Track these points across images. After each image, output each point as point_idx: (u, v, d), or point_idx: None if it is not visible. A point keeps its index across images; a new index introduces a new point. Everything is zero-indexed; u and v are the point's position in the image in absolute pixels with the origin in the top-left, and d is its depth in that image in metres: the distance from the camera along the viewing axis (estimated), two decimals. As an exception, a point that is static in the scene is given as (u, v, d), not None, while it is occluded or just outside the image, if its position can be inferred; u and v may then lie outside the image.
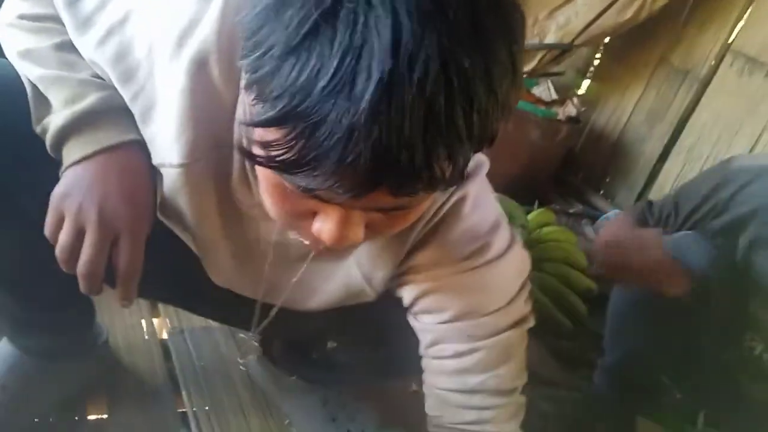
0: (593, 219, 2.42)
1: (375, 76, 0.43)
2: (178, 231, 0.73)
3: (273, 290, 0.83)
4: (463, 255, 0.75)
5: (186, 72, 0.63)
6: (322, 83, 0.44)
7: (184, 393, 1.14)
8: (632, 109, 2.63)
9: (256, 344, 1.22)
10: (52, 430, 0.99)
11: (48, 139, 0.67)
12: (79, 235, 0.65)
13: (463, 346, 0.78)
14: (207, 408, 1.12)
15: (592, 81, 2.87)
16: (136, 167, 0.68)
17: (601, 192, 2.68)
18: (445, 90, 0.44)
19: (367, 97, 0.43)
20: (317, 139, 0.45)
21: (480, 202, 0.75)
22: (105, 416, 1.06)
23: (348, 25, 0.44)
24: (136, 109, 0.67)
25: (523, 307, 0.81)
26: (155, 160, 0.69)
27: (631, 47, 2.61)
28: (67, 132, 0.66)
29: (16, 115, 0.67)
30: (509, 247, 0.78)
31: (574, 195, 2.69)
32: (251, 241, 0.77)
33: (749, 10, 2.24)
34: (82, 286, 0.67)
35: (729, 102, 2.26)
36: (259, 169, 0.57)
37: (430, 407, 0.84)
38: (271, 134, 0.48)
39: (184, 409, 1.12)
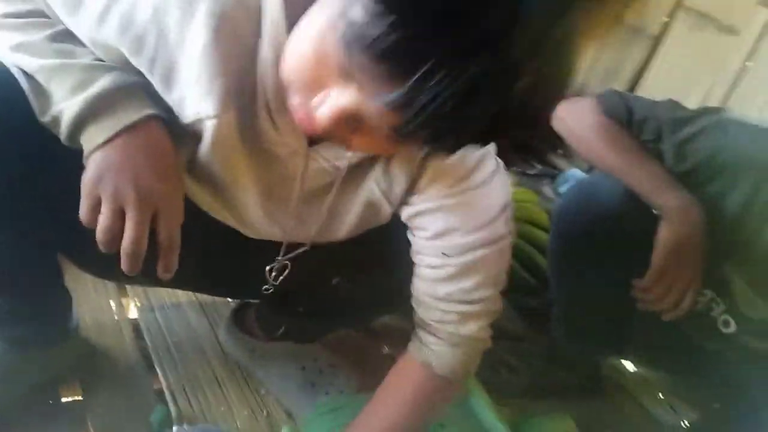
0: (552, 178, 2.47)
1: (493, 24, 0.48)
2: (205, 194, 0.76)
3: (302, 226, 0.86)
4: (455, 178, 0.81)
5: (205, 26, 0.64)
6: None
7: (158, 370, 1.14)
8: (587, 69, 2.66)
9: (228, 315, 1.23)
10: (27, 415, 0.98)
11: (63, 129, 0.66)
12: (119, 216, 0.66)
13: (437, 260, 0.84)
14: (183, 384, 1.13)
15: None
16: (160, 140, 0.69)
17: (560, 151, 2.73)
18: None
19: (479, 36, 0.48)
20: (417, 45, 0.49)
21: None
22: (80, 398, 1.05)
23: None
24: (156, 77, 0.68)
25: (502, 227, 0.85)
26: (188, 119, 0.70)
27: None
28: (84, 118, 0.65)
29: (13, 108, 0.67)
30: (495, 173, 0.83)
31: (533, 155, 2.72)
32: (278, 181, 0.80)
33: (699, -34, 2.28)
34: (127, 265, 0.67)
35: (681, 58, 2.31)
36: (307, 34, 0.60)
37: (412, 301, 0.92)
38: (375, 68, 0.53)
39: (160, 387, 1.12)
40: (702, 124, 1.04)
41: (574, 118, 1.14)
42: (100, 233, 0.66)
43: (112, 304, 1.25)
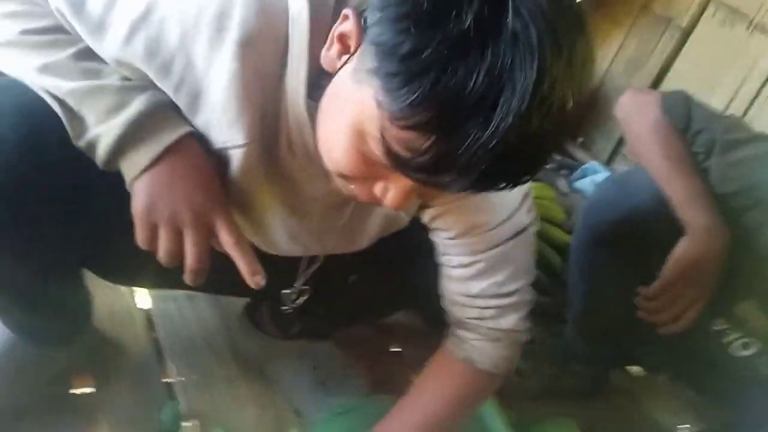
0: (569, 170, 2.43)
1: (513, 114, 0.49)
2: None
3: (323, 241, 0.87)
4: None
5: (234, 55, 0.64)
6: (466, 105, 0.49)
7: (170, 363, 1.15)
8: (612, 58, 2.60)
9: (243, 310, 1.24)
10: (41, 407, 0.99)
11: (101, 153, 0.66)
12: (179, 238, 0.68)
13: (466, 258, 0.85)
14: (194, 378, 1.13)
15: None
16: (200, 156, 0.70)
17: (580, 141, 2.69)
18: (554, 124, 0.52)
19: (501, 128, 0.49)
20: (451, 152, 0.52)
21: None
22: (92, 390, 1.06)
23: (498, 54, 0.49)
24: (181, 100, 0.68)
25: (524, 217, 0.86)
26: (215, 145, 0.70)
27: (613, -6, 2.56)
28: (124, 142, 0.65)
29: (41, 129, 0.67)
30: None
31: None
32: (300, 202, 0.80)
33: (734, -41, 2.21)
34: (193, 280, 0.70)
35: (710, 53, 2.24)
36: (340, 129, 0.60)
37: (445, 304, 0.93)
38: (404, 133, 0.53)
39: (170, 379, 1.13)
40: (753, 151, 1.01)
41: (634, 109, 1.13)
42: (164, 257, 0.68)
43: (126, 294, 1.26)
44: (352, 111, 0.58)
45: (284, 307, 0.97)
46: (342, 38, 0.60)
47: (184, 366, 1.15)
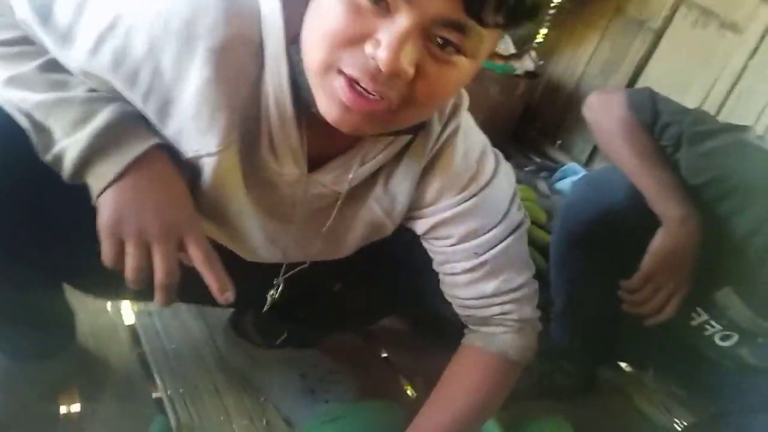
0: (550, 172, 2.46)
1: None
2: (205, 223, 0.75)
3: (303, 248, 0.87)
4: (462, 185, 0.83)
5: (207, 62, 0.64)
6: None
7: (157, 377, 1.14)
8: (588, 60, 2.64)
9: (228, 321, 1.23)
10: (27, 425, 0.98)
11: (68, 166, 0.64)
12: (146, 253, 0.66)
13: (471, 262, 0.86)
14: (181, 391, 1.12)
15: (548, 29, 2.86)
16: (169, 168, 0.68)
17: (559, 142, 2.72)
18: None
19: None
20: None
21: (468, 131, 0.84)
22: (79, 406, 1.05)
23: None
24: (150, 109, 0.67)
25: (516, 215, 0.87)
26: (187, 154, 0.69)
27: (587, -2, 2.60)
28: (90, 154, 0.64)
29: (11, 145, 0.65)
30: (497, 166, 0.86)
31: (531, 148, 2.72)
32: (278, 207, 0.80)
33: (703, -40, 2.25)
34: (161, 299, 0.68)
35: (683, 53, 2.29)
36: (325, 5, 0.59)
37: (458, 309, 0.93)
38: None
39: (158, 394, 1.12)
40: (722, 142, 1.02)
41: (601, 109, 1.14)
42: (131, 273, 0.66)
43: (109, 308, 1.24)
44: None
45: (266, 306, 0.95)
46: None
47: (171, 379, 1.14)
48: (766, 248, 0.98)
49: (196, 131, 0.67)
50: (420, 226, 0.86)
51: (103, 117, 0.64)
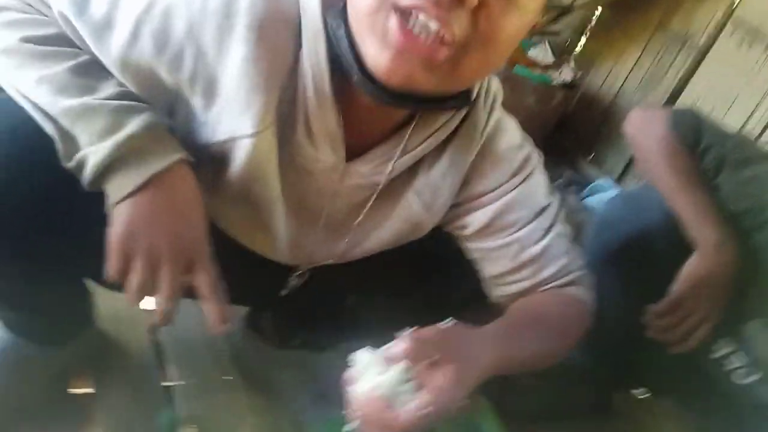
0: (580, 186, 2.42)
1: None
2: (231, 216, 0.75)
3: (328, 246, 0.84)
4: (513, 168, 0.81)
5: (245, 41, 0.63)
6: None
7: (171, 367, 1.14)
8: (627, 75, 2.60)
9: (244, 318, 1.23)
10: (40, 407, 0.98)
11: (88, 174, 0.64)
12: (152, 272, 0.65)
13: (537, 246, 0.82)
14: (193, 383, 1.12)
15: (588, 40, 2.82)
16: (189, 186, 0.67)
17: (592, 156, 2.67)
18: None
19: None
20: None
21: (507, 120, 0.84)
22: (91, 391, 1.05)
23: None
24: (197, 93, 0.66)
25: (551, 198, 0.86)
26: (222, 136, 0.68)
27: (630, 10, 2.56)
28: (112, 164, 0.63)
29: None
30: (536, 153, 0.85)
31: (563, 159, 2.68)
32: (309, 198, 0.78)
33: (754, -22, 2.20)
34: (163, 320, 0.67)
35: (726, 72, 2.23)
36: None
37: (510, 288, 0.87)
38: None
39: (170, 383, 1.12)
40: (763, 170, 1.00)
41: (643, 126, 1.13)
42: (134, 289, 0.65)
43: (130, 294, 1.25)
44: None
45: (283, 291, 0.94)
46: None
47: (185, 370, 1.14)
48: None
49: (236, 111, 0.66)
50: (477, 220, 0.82)
51: (130, 128, 0.63)
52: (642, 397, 1.56)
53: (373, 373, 0.60)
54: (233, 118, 0.67)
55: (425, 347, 0.61)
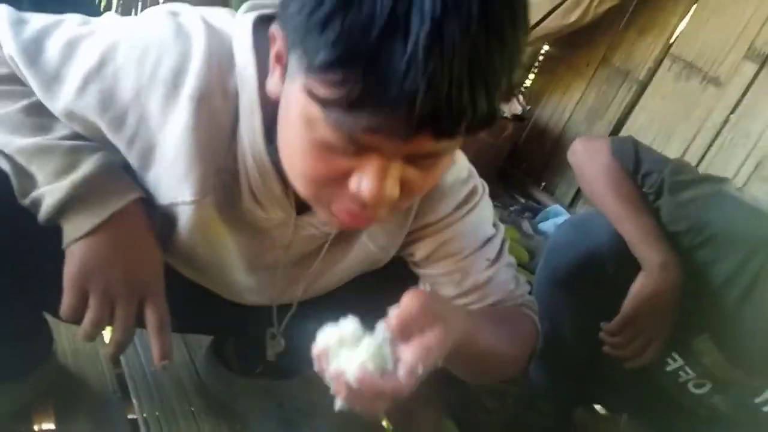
0: (533, 213, 2.50)
1: (428, 18, 0.47)
2: (189, 270, 0.76)
3: (290, 289, 0.86)
4: (459, 201, 0.82)
5: (188, 110, 0.64)
6: (378, 25, 0.48)
7: (134, 399, 1.12)
8: (574, 107, 2.71)
9: (208, 346, 1.22)
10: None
11: (44, 212, 0.65)
12: (108, 310, 0.66)
13: (483, 275, 0.83)
14: (158, 414, 1.11)
15: (536, 75, 2.93)
16: (144, 225, 0.69)
17: (543, 185, 2.76)
18: (485, 31, 0.49)
19: (422, 36, 0.47)
20: (378, 74, 0.48)
21: (455, 154, 0.83)
22: (53, 427, 1.03)
23: None
24: (133, 154, 0.67)
25: (491, 229, 0.87)
26: (164, 200, 0.69)
27: (575, 47, 2.68)
28: (69, 203, 0.64)
29: None
30: (481, 183, 0.86)
31: (516, 187, 2.76)
32: (264, 251, 0.79)
33: (688, 16, 2.34)
34: (115, 353, 0.69)
35: (665, 105, 2.36)
36: (295, 135, 0.57)
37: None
38: (330, 76, 0.50)
39: (134, 416, 1.10)
40: (701, 192, 1.06)
41: (586, 154, 1.17)
42: (89, 326, 0.66)
43: (90, 327, 1.23)
44: (296, 106, 0.56)
45: (269, 354, 0.96)
46: (278, 58, 0.59)
47: (149, 402, 1.13)
48: (741, 298, 1.01)
49: (174, 179, 0.67)
50: (422, 251, 0.84)
51: (85, 168, 0.65)
52: (603, 413, 1.60)
53: (347, 347, 0.60)
54: (173, 185, 0.68)
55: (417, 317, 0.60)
